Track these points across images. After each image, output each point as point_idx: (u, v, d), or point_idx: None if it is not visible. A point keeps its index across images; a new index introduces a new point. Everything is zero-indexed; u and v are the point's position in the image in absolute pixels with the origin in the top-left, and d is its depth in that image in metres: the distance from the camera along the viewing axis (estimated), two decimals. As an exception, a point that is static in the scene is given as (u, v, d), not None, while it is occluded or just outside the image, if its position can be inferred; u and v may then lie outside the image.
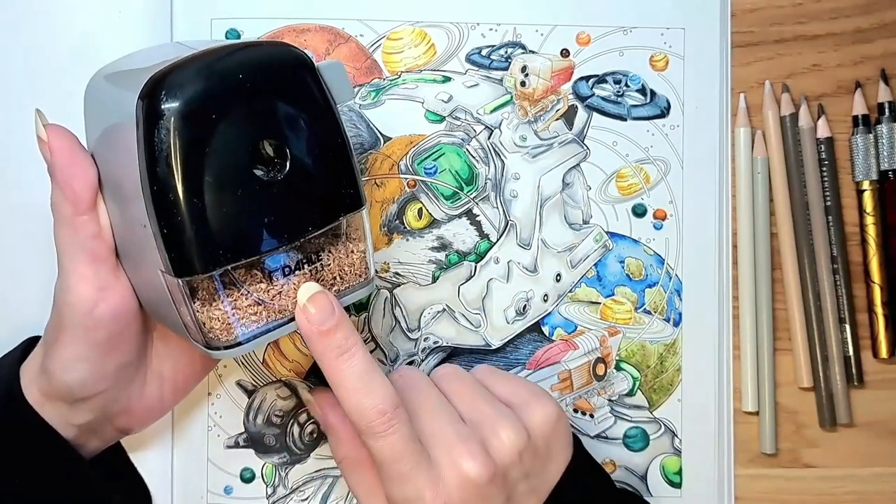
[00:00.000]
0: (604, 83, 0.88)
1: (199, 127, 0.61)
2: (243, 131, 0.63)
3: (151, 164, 0.61)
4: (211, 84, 0.61)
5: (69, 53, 0.85)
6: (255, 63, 0.64)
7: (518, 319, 0.88)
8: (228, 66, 0.62)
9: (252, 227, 0.64)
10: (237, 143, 0.63)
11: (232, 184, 0.62)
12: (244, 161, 0.63)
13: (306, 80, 0.65)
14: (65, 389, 0.71)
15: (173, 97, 0.60)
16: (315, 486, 0.86)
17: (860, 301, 0.90)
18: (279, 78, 0.64)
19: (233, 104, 0.62)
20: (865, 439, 0.91)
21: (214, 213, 0.62)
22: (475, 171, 0.87)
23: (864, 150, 0.89)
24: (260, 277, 0.67)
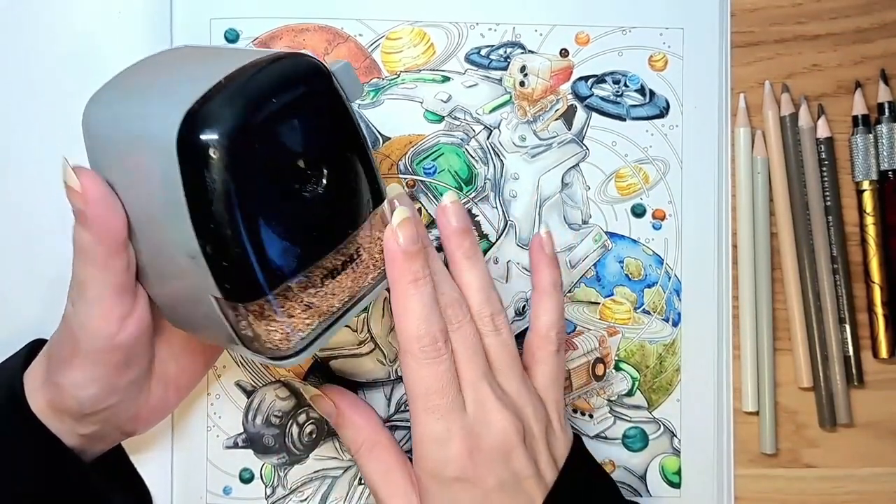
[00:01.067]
0: (603, 83, 0.88)
1: (244, 158, 0.60)
2: (283, 153, 0.63)
3: (200, 200, 0.60)
4: (249, 112, 0.61)
5: (69, 53, 0.85)
6: (283, 81, 0.63)
7: (517, 320, 0.88)
8: (261, 90, 0.62)
9: (302, 242, 0.65)
10: (279, 165, 0.63)
11: (280, 206, 0.63)
12: (288, 181, 0.64)
13: (327, 89, 0.66)
14: (75, 406, 0.71)
15: (215, 132, 0.59)
16: (314, 486, 0.86)
17: (860, 301, 0.90)
18: (305, 92, 0.64)
19: (271, 128, 0.62)
20: (865, 439, 0.91)
21: (267, 237, 0.62)
22: (474, 171, 0.87)
23: (864, 150, 0.89)
24: (307, 283, 0.67)
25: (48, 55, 0.85)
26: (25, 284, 0.85)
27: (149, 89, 0.64)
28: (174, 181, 0.60)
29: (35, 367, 0.74)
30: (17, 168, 0.85)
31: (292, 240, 0.64)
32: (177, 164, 0.59)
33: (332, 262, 0.68)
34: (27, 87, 0.85)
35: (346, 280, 0.70)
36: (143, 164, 0.62)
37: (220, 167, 0.59)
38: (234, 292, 0.63)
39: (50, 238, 0.84)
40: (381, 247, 0.72)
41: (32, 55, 0.85)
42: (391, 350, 0.86)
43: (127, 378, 0.73)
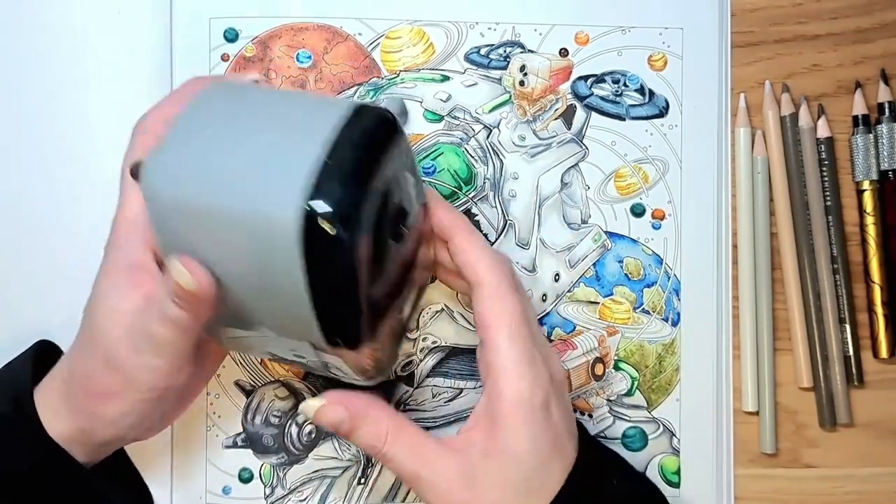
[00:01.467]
0: (602, 83, 0.88)
1: (363, 236, 0.61)
2: (386, 216, 0.64)
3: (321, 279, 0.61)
4: (363, 193, 0.61)
5: (69, 53, 0.85)
6: (377, 147, 0.63)
7: (516, 319, 0.87)
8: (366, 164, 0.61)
9: (398, 279, 0.69)
10: (385, 230, 0.64)
11: (383, 263, 0.65)
12: (388, 240, 0.65)
13: (403, 141, 0.66)
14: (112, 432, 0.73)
15: (341, 221, 0.59)
16: (313, 486, 0.86)
17: (860, 301, 0.90)
18: (391, 152, 0.64)
19: (378, 200, 0.62)
20: (865, 439, 0.91)
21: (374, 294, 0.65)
22: (474, 171, 0.87)
23: (864, 150, 0.89)
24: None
25: (48, 55, 0.85)
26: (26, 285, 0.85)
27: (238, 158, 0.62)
28: (291, 262, 0.60)
29: (52, 390, 0.74)
30: (16, 167, 0.85)
31: (389, 286, 0.67)
32: (297, 250, 0.59)
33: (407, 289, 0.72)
34: (27, 87, 0.85)
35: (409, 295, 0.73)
36: (245, 242, 0.61)
37: (346, 249, 0.60)
38: (342, 343, 0.65)
39: (50, 238, 0.84)
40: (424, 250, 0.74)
41: (32, 55, 0.85)
42: (391, 350, 0.87)
43: (167, 406, 0.74)
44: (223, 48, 0.85)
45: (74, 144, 0.85)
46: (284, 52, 0.86)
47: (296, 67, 0.86)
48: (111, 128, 0.83)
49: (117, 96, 0.84)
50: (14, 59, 0.85)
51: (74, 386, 0.72)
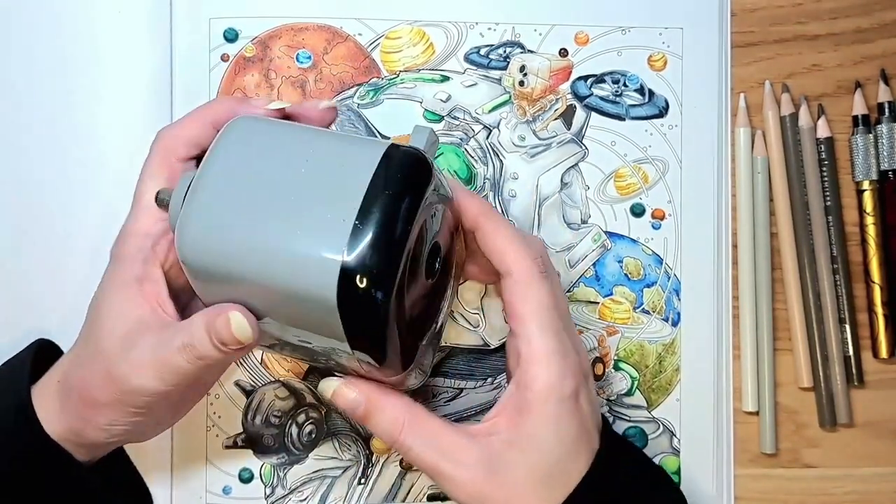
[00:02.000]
0: (602, 83, 0.88)
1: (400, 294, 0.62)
2: (421, 261, 0.65)
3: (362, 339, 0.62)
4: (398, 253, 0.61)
5: (69, 53, 0.85)
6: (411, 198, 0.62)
7: (516, 319, 0.88)
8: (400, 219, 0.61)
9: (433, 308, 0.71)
10: (420, 276, 0.65)
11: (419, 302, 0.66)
12: (425, 281, 0.67)
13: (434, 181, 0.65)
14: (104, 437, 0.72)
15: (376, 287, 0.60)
16: (313, 486, 0.86)
17: (860, 301, 0.90)
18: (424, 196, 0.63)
19: (411, 252, 0.62)
20: (865, 439, 0.91)
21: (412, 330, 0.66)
22: (473, 171, 0.87)
23: (864, 150, 0.89)
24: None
25: (48, 55, 0.85)
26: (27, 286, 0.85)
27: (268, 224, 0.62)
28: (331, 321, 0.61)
29: (48, 390, 0.74)
30: (17, 168, 0.85)
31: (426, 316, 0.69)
32: (336, 313, 0.60)
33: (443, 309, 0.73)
34: (27, 88, 0.85)
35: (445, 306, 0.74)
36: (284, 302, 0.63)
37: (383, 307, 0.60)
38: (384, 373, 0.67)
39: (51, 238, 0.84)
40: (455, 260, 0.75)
41: (33, 56, 0.85)
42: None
43: (155, 415, 0.74)
44: (223, 48, 0.85)
45: (74, 145, 0.84)
46: (284, 52, 0.86)
47: (296, 67, 0.86)
48: (112, 128, 0.83)
49: (118, 96, 0.84)
50: (14, 60, 0.85)
51: (70, 389, 0.72)
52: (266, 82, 0.86)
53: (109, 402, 0.70)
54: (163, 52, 0.85)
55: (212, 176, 0.64)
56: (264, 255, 0.61)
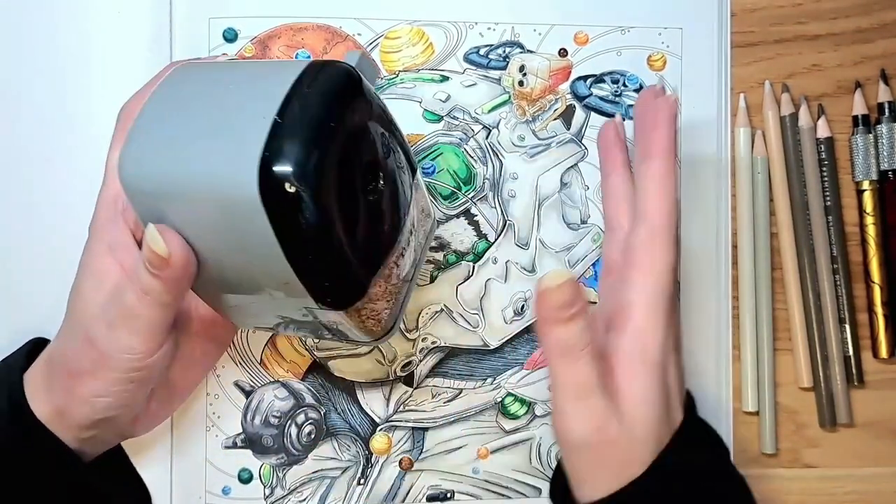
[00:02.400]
0: (602, 83, 0.88)
1: (326, 193, 0.61)
2: (351, 169, 0.64)
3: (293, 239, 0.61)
4: (320, 147, 0.61)
5: (69, 53, 0.85)
6: (333, 101, 0.63)
7: (516, 319, 0.87)
8: (319, 119, 0.61)
9: (380, 238, 0.69)
10: (352, 184, 0.64)
11: (358, 218, 0.65)
12: (359, 194, 0.65)
13: (363, 92, 0.65)
14: (86, 413, 0.72)
15: (297, 177, 0.59)
16: (313, 486, 0.86)
17: (860, 301, 0.90)
18: (351, 104, 0.64)
19: (338, 151, 0.62)
20: (865, 439, 0.91)
21: (356, 250, 0.64)
22: (473, 171, 0.87)
23: (864, 150, 0.89)
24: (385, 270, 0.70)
25: (48, 56, 0.85)
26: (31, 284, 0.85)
27: (196, 136, 0.63)
28: (261, 228, 0.61)
29: (36, 371, 0.74)
30: (17, 168, 0.85)
31: (372, 242, 0.67)
32: (263, 214, 0.60)
33: (400, 245, 0.71)
34: (27, 87, 0.85)
35: (409, 252, 0.73)
36: (216, 216, 0.62)
37: (309, 209, 0.60)
38: (333, 304, 0.66)
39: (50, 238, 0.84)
40: (422, 206, 0.75)
41: (32, 56, 0.85)
42: (390, 350, 0.86)
43: (144, 391, 0.74)
44: (222, 48, 0.85)
45: (74, 144, 0.85)
46: (283, 52, 0.86)
47: (295, 67, 0.86)
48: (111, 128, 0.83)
49: (117, 97, 0.83)
50: (14, 60, 0.85)
51: (54, 365, 0.73)
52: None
53: (90, 368, 0.70)
54: (162, 52, 0.85)
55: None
56: (191, 165, 0.62)
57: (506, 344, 0.88)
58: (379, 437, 0.86)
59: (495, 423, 0.87)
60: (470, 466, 0.87)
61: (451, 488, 0.87)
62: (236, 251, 0.64)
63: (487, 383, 0.87)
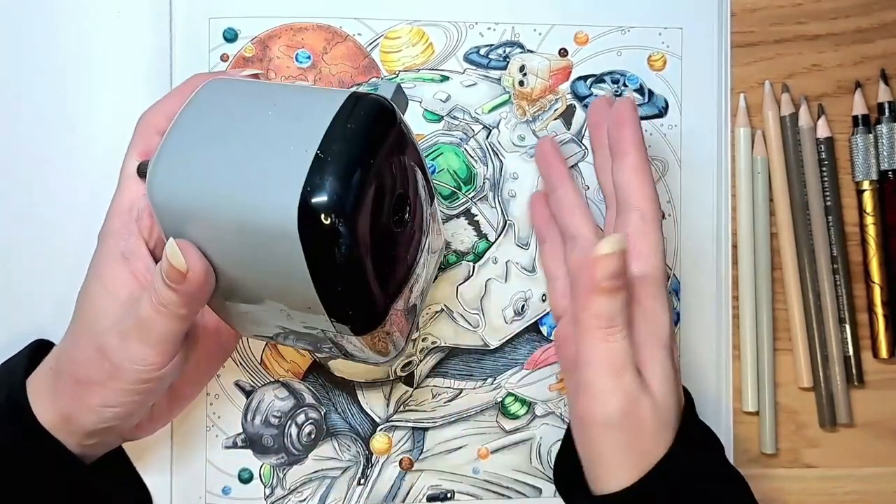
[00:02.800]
0: (602, 83, 0.88)
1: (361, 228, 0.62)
2: (384, 205, 0.65)
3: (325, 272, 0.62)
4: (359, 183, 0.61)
5: (69, 53, 0.85)
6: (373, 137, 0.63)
7: (516, 319, 0.87)
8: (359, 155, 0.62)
9: (401, 268, 0.70)
10: (382, 217, 0.65)
11: (385, 249, 0.66)
12: (389, 226, 0.66)
13: (398, 127, 0.66)
14: (94, 420, 0.72)
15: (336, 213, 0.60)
16: (313, 486, 0.86)
17: (860, 301, 0.90)
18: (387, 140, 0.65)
19: (373, 189, 0.63)
20: (865, 439, 0.91)
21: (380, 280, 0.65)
22: (473, 171, 0.87)
23: (864, 150, 0.89)
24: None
25: (49, 56, 0.85)
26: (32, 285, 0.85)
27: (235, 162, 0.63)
28: (294, 260, 0.61)
29: (40, 376, 0.74)
30: (18, 169, 0.85)
31: (395, 271, 0.68)
32: (299, 247, 0.61)
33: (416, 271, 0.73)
34: (28, 88, 0.85)
35: (423, 277, 0.74)
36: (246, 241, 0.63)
37: (346, 239, 0.61)
38: (354, 330, 0.67)
39: (51, 238, 0.84)
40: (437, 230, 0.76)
41: (33, 56, 0.85)
42: (390, 350, 0.87)
43: (152, 400, 0.74)
44: (222, 48, 0.85)
45: (75, 144, 0.84)
46: (284, 52, 0.86)
47: (295, 67, 0.86)
48: (111, 128, 0.83)
49: (118, 97, 0.84)
50: (14, 61, 0.85)
51: (62, 372, 0.73)
52: (265, 78, 0.86)
53: (100, 379, 0.70)
54: (162, 53, 0.85)
55: (181, 125, 0.65)
56: (226, 190, 0.62)
57: (506, 344, 0.88)
58: (379, 437, 0.86)
59: (495, 423, 0.87)
60: (470, 466, 0.87)
61: (452, 488, 0.87)
62: (262, 275, 0.65)
63: (487, 383, 0.87)
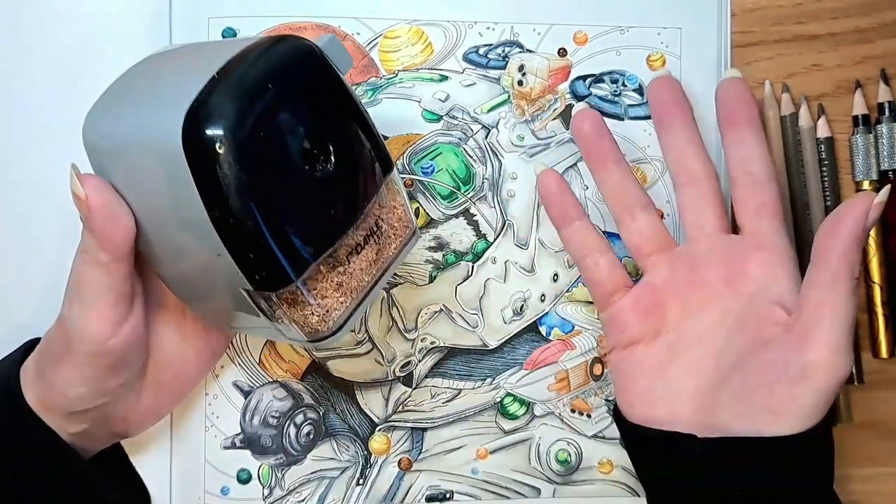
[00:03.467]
0: (601, 82, 0.88)
1: (251, 149, 0.61)
2: (288, 137, 0.63)
3: (216, 198, 0.61)
4: (247, 102, 0.61)
5: (68, 54, 0.85)
6: (276, 66, 0.63)
7: (515, 319, 0.87)
8: (255, 78, 0.62)
9: (322, 222, 0.66)
10: (287, 150, 0.63)
11: (294, 191, 0.64)
12: (298, 165, 0.64)
13: (320, 67, 0.66)
14: (64, 404, 0.72)
15: (218, 128, 0.59)
16: (311, 487, 0.86)
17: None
18: (299, 74, 0.65)
19: (272, 115, 0.62)
20: (865, 439, 0.91)
21: (287, 224, 0.63)
22: (472, 171, 0.87)
23: (864, 149, 0.89)
24: (334, 263, 0.69)
25: (47, 55, 0.85)
26: (23, 285, 0.85)
27: (145, 95, 0.65)
28: (186, 183, 0.60)
29: (28, 363, 0.74)
30: (16, 169, 0.85)
31: (312, 222, 0.65)
32: (186, 166, 0.60)
33: (355, 239, 0.70)
34: (26, 88, 0.85)
35: (370, 253, 0.71)
36: (150, 171, 0.63)
37: (230, 162, 0.60)
38: (264, 282, 0.64)
39: (48, 239, 0.84)
40: (400, 214, 0.73)
41: (31, 55, 0.85)
42: (389, 350, 0.86)
43: (116, 381, 0.73)
44: (222, 48, 0.85)
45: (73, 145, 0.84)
46: (283, 51, 0.86)
47: (294, 67, 0.86)
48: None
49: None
50: (14, 61, 0.85)
51: (42, 355, 0.73)
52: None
53: (60, 353, 0.70)
54: (161, 52, 0.85)
55: (116, 82, 0.68)
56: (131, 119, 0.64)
57: (505, 344, 0.87)
58: (378, 438, 0.86)
59: (494, 423, 0.87)
60: (469, 467, 0.87)
61: (450, 488, 0.87)
62: (169, 212, 0.64)
63: (486, 383, 0.87)
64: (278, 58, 0.64)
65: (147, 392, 0.78)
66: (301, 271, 0.65)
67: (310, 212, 0.65)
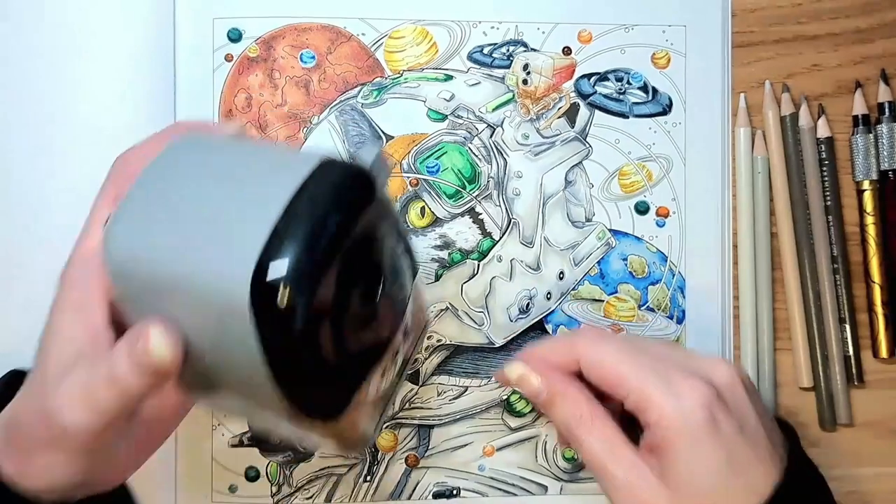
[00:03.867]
0: (606, 81, 0.88)
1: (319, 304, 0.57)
2: (352, 280, 0.60)
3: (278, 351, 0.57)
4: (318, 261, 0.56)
5: (69, 55, 0.85)
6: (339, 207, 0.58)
7: (521, 317, 0.88)
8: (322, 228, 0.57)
9: (370, 352, 0.64)
10: (348, 293, 0.60)
11: (352, 331, 0.61)
12: (356, 306, 0.61)
13: (373, 198, 0.61)
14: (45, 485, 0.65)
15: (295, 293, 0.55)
16: (319, 484, 0.86)
17: (860, 301, 0.91)
18: (360, 211, 0.60)
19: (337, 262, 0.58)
20: (865, 439, 0.91)
21: (343, 363, 0.61)
22: (477, 170, 0.87)
23: (864, 149, 0.89)
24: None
25: (51, 56, 0.85)
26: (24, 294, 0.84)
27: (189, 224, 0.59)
28: (246, 335, 0.56)
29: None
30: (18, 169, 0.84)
31: (364, 354, 0.63)
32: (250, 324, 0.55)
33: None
34: (29, 88, 0.85)
35: (399, 358, 0.70)
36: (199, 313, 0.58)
37: (301, 328, 0.56)
38: (311, 415, 0.61)
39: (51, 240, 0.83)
40: (419, 317, 0.72)
41: (35, 56, 0.85)
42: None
43: (101, 458, 0.66)
44: (227, 48, 0.85)
45: (76, 146, 0.84)
46: (288, 52, 0.86)
47: (299, 67, 0.86)
48: (113, 129, 0.83)
49: (120, 97, 0.84)
50: (16, 60, 0.85)
51: (11, 430, 0.67)
52: (270, 82, 0.86)
53: (46, 441, 0.64)
54: (166, 53, 0.85)
55: (141, 186, 0.60)
56: (182, 256, 0.58)
57: (511, 342, 0.88)
58: (385, 435, 0.86)
59: (501, 420, 0.87)
60: (476, 464, 0.87)
61: (457, 485, 0.87)
62: (219, 352, 0.60)
63: (493, 381, 0.87)
64: (338, 194, 0.58)
65: (124, 453, 0.70)
66: (351, 401, 0.63)
67: (360, 344, 0.63)
